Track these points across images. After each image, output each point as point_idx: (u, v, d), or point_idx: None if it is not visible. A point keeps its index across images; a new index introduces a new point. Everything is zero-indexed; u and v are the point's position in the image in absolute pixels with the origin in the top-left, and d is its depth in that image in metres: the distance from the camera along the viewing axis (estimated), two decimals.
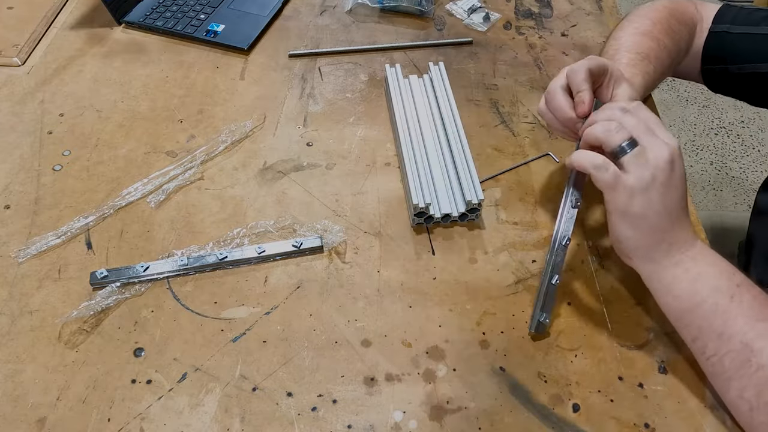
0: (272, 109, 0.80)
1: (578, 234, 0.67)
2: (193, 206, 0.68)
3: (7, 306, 0.59)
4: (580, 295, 0.61)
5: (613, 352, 0.57)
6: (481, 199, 0.64)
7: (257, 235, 0.66)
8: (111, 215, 0.67)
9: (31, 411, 0.53)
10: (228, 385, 0.54)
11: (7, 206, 0.68)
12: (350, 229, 0.67)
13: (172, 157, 0.74)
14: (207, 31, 0.90)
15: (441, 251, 0.65)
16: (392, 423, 0.53)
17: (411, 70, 0.87)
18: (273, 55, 0.88)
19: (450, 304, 0.61)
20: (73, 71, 0.85)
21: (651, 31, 0.67)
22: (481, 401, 0.54)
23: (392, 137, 0.76)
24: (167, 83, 0.83)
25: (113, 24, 0.92)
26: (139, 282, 0.61)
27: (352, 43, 0.91)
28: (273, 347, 0.57)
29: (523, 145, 0.76)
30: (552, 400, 0.54)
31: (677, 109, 2.07)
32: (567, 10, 0.98)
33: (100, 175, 0.71)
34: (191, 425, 0.52)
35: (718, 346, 0.49)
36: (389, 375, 0.55)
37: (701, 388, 0.55)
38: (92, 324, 0.58)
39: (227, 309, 0.60)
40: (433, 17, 0.95)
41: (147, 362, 0.56)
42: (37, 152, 0.73)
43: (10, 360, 0.56)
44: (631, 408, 0.54)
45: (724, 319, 0.49)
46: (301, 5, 0.98)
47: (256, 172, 0.72)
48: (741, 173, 1.88)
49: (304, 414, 0.53)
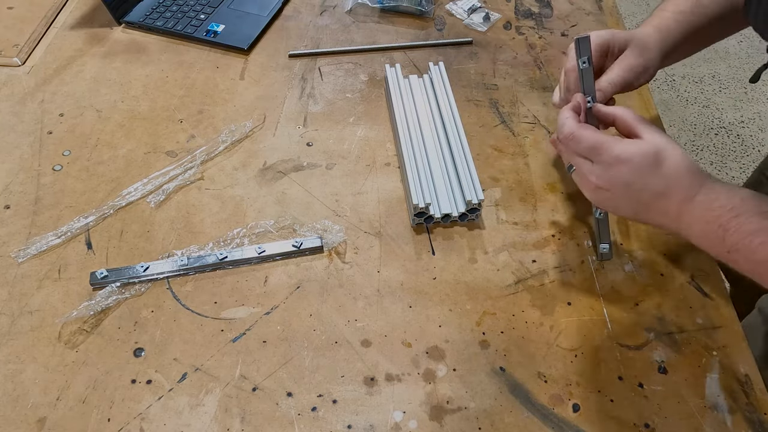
0: (272, 109, 0.80)
1: (578, 234, 0.67)
2: (193, 206, 0.68)
3: (7, 306, 0.59)
4: (580, 295, 0.61)
5: (613, 352, 0.57)
6: (481, 199, 0.64)
7: (257, 235, 0.66)
8: (111, 215, 0.67)
9: (31, 411, 0.53)
10: (228, 385, 0.54)
11: (7, 206, 0.68)
12: (350, 229, 0.67)
13: (172, 157, 0.74)
14: (207, 31, 0.90)
15: (441, 251, 0.65)
16: (392, 423, 0.53)
17: (411, 70, 0.87)
18: (273, 55, 0.88)
19: (450, 304, 0.61)
20: (73, 71, 0.85)
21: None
22: (481, 401, 0.54)
23: (392, 137, 0.77)
24: (167, 83, 0.83)
25: (113, 24, 0.92)
26: (139, 282, 0.61)
27: (352, 43, 0.90)
28: (273, 347, 0.57)
29: (523, 144, 0.76)
30: (552, 400, 0.54)
31: (677, 109, 2.07)
32: (567, 10, 0.98)
33: (100, 175, 0.71)
34: (191, 425, 0.52)
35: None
36: (389, 375, 0.55)
37: (701, 388, 0.55)
38: (92, 324, 0.58)
39: (227, 309, 0.60)
40: (433, 17, 0.95)
41: (147, 362, 0.56)
42: (37, 152, 0.73)
43: (10, 360, 0.56)
44: (631, 408, 0.54)
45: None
46: (301, 5, 0.98)
47: (256, 172, 0.72)
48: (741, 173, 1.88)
49: (304, 414, 0.53)
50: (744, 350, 0.58)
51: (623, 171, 0.53)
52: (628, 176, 0.53)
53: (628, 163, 0.53)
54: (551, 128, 0.78)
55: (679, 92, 2.13)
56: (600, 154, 0.54)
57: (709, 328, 0.59)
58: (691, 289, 0.62)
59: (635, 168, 0.53)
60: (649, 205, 0.54)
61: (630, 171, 0.53)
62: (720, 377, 0.56)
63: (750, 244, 0.49)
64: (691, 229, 0.53)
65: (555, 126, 0.78)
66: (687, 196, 0.52)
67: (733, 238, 0.50)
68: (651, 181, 0.53)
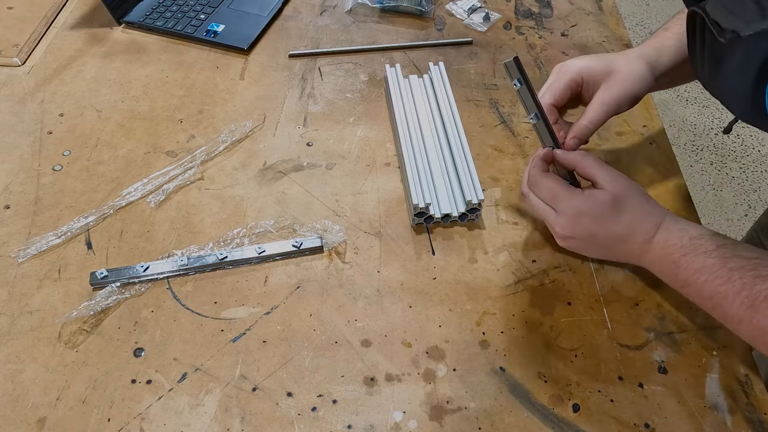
0: (272, 109, 0.80)
1: None
2: (193, 206, 0.68)
3: (7, 306, 0.59)
4: (580, 295, 0.61)
5: (613, 352, 0.57)
6: (481, 199, 0.64)
7: (257, 235, 0.66)
8: (111, 215, 0.67)
9: (31, 411, 0.53)
10: (228, 385, 0.54)
11: (7, 206, 0.68)
12: (350, 229, 0.67)
13: (172, 157, 0.74)
14: (207, 31, 0.90)
15: (441, 251, 0.65)
16: (392, 423, 0.53)
17: (411, 70, 0.87)
18: (273, 55, 0.88)
19: (450, 304, 0.61)
20: (73, 71, 0.85)
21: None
22: (481, 401, 0.54)
23: (392, 137, 0.77)
24: (167, 83, 0.83)
25: (113, 24, 0.92)
26: (139, 282, 0.61)
27: (352, 43, 0.90)
28: (273, 347, 0.57)
29: (523, 145, 0.76)
30: (552, 400, 0.54)
31: (677, 109, 2.07)
32: (567, 10, 0.98)
33: (100, 175, 0.71)
34: (191, 425, 0.52)
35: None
36: (389, 375, 0.56)
37: (701, 388, 0.55)
38: (92, 324, 0.58)
39: (227, 309, 0.60)
40: (433, 17, 0.95)
41: (147, 362, 0.56)
42: (37, 152, 0.73)
43: (10, 360, 0.56)
44: (631, 408, 0.54)
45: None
46: (301, 5, 0.98)
47: (256, 172, 0.72)
48: (741, 173, 1.88)
49: (304, 414, 0.53)
50: (744, 350, 0.58)
51: (585, 222, 0.57)
52: (590, 227, 0.57)
53: (589, 216, 0.57)
54: None
55: (679, 92, 2.13)
56: (559, 202, 0.58)
57: (709, 328, 0.59)
58: None
59: (596, 219, 0.56)
60: (613, 249, 0.58)
61: (591, 222, 0.57)
62: (720, 377, 0.56)
63: (697, 281, 0.52)
64: (653, 266, 0.57)
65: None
66: (645, 239, 0.56)
67: (684, 275, 0.53)
68: (612, 228, 0.56)
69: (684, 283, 0.53)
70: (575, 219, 0.57)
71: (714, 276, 0.50)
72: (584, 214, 0.56)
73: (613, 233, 0.57)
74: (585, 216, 0.56)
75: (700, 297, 0.52)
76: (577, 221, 0.57)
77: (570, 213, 0.57)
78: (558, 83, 0.63)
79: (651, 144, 0.77)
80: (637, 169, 0.74)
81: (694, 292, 0.53)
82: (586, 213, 0.56)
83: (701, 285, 0.51)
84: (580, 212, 0.56)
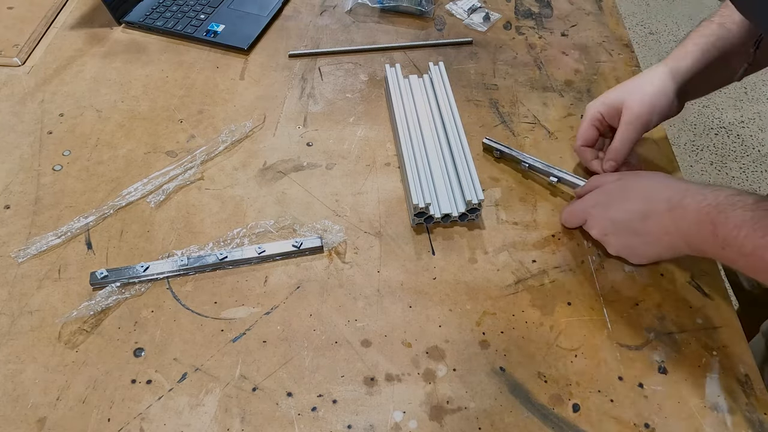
0: (272, 109, 0.80)
1: (578, 234, 0.67)
2: (193, 206, 0.68)
3: (7, 306, 0.59)
4: (580, 295, 0.61)
5: (613, 352, 0.57)
6: (481, 199, 0.64)
7: (257, 235, 0.66)
8: (111, 215, 0.67)
9: (31, 411, 0.53)
10: (228, 385, 0.54)
11: (7, 206, 0.68)
12: (350, 229, 0.67)
13: (172, 157, 0.74)
14: (207, 31, 0.90)
15: (441, 251, 0.65)
16: (392, 423, 0.53)
17: (411, 70, 0.87)
18: (273, 55, 0.88)
19: (450, 304, 0.61)
20: (73, 71, 0.85)
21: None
22: (481, 401, 0.54)
23: (392, 137, 0.77)
24: (167, 83, 0.83)
25: (113, 24, 0.92)
26: (139, 282, 0.61)
27: (352, 43, 0.90)
28: (273, 347, 0.57)
29: (523, 144, 0.76)
30: (552, 400, 0.54)
31: None
32: (567, 10, 0.98)
33: (100, 175, 0.71)
34: (191, 425, 0.52)
35: None
36: (389, 375, 0.56)
37: (701, 388, 0.55)
38: (92, 324, 0.58)
39: (227, 309, 0.60)
40: (433, 17, 0.95)
41: (147, 362, 0.56)
42: (37, 152, 0.73)
43: (10, 360, 0.56)
44: (631, 408, 0.54)
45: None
46: (301, 5, 0.98)
47: (256, 172, 0.72)
48: (741, 173, 1.88)
49: (304, 414, 0.53)
50: (744, 350, 0.58)
51: (600, 212, 0.61)
52: (607, 214, 0.61)
53: (602, 204, 0.61)
54: (551, 128, 0.78)
55: None
56: (583, 209, 0.64)
57: (709, 328, 0.59)
58: (691, 289, 0.62)
59: (608, 204, 0.61)
60: (644, 231, 0.58)
61: (604, 209, 0.61)
62: (720, 377, 0.56)
63: (737, 237, 0.50)
64: (690, 232, 0.55)
65: (555, 126, 0.79)
66: (670, 206, 0.56)
67: (723, 231, 0.51)
68: (625, 206, 0.59)
69: (723, 242, 0.51)
70: (593, 211, 0.62)
71: (754, 229, 0.49)
72: (597, 203, 0.62)
73: (629, 211, 0.59)
74: (598, 206, 0.62)
75: (741, 254, 0.50)
76: (596, 213, 0.62)
77: (590, 210, 0.62)
78: (583, 125, 0.70)
79: (651, 144, 0.77)
80: (637, 169, 0.74)
81: (735, 251, 0.51)
82: (599, 202, 0.62)
83: (742, 240, 0.49)
84: (595, 203, 0.62)
